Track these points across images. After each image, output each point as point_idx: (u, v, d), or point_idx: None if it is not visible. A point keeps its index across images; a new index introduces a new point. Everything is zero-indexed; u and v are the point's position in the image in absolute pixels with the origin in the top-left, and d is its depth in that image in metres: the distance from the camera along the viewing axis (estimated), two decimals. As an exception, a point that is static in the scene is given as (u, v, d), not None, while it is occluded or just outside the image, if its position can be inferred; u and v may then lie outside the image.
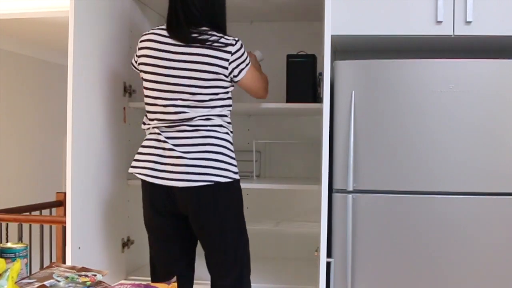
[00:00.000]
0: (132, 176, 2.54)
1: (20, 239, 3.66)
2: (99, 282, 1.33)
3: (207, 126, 1.84)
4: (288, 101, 2.44)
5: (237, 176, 1.90)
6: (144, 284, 1.27)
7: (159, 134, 1.87)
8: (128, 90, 2.46)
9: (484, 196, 2.04)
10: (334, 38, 2.13)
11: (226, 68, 1.84)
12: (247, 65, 1.91)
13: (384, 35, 2.20)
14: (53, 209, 4.47)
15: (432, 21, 2.15)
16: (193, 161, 1.81)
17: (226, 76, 1.85)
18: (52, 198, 4.51)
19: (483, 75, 2.04)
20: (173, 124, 1.85)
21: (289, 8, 2.61)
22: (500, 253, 2.03)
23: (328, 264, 2.05)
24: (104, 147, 2.28)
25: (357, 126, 2.09)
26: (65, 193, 3.42)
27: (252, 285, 2.01)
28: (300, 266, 2.68)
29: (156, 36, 1.88)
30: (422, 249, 2.06)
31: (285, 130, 2.83)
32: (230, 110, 1.94)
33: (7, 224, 3.77)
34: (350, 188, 2.07)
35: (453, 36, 2.16)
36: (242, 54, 1.88)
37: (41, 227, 3.67)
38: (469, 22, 2.13)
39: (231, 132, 1.95)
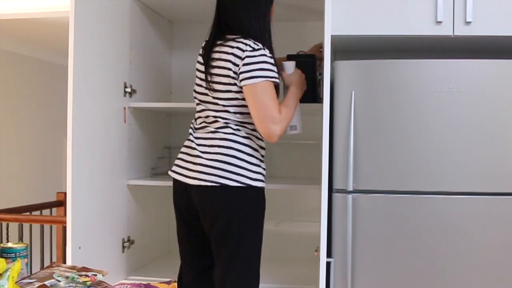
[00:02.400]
0: (132, 176, 2.55)
1: (20, 239, 3.67)
2: (100, 282, 1.33)
3: (227, 128, 1.86)
4: (288, 101, 2.43)
5: (256, 183, 1.85)
6: (144, 284, 1.28)
7: (191, 134, 1.95)
8: (128, 90, 2.46)
9: (484, 196, 2.04)
10: (334, 38, 2.13)
11: (238, 66, 1.81)
12: (254, 76, 1.79)
13: (384, 35, 2.20)
14: (54, 209, 4.47)
15: (432, 21, 2.15)
16: (207, 162, 1.84)
17: (237, 74, 1.82)
18: (53, 198, 4.51)
19: (483, 75, 2.04)
20: (203, 126, 1.92)
21: (289, 8, 2.61)
22: (500, 253, 2.03)
23: (328, 264, 2.05)
24: (104, 147, 2.28)
25: (357, 126, 2.09)
26: (65, 193, 3.41)
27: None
28: (300, 266, 2.68)
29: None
30: (422, 249, 2.06)
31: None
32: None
33: (8, 224, 3.77)
34: (350, 188, 2.07)
35: (453, 36, 2.16)
36: (259, 62, 1.80)
37: (42, 227, 3.67)
38: (469, 22, 2.13)
39: (259, 138, 1.92)
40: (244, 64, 1.80)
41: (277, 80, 1.85)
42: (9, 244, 1.43)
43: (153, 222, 2.77)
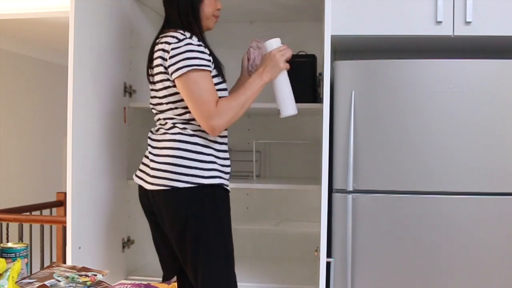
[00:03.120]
0: (132, 176, 2.54)
1: (20, 239, 3.67)
2: (99, 282, 1.33)
3: (174, 128, 1.81)
4: (288, 101, 2.43)
5: (209, 181, 1.78)
6: (144, 284, 1.28)
7: (149, 137, 1.90)
8: (128, 90, 2.46)
9: (484, 196, 2.04)
10: (334, 38, 2.13)
11: (166, 60, 1.75)
12: (181, 67, 1.71)
13: (384, 35, 2.20)
14: (54, 209, 4.47)
15: (432, 21, 2.15)
16: (159, 165, 1.79)
17: (166, 69, 1.76)
18: (53, 198, 4.51)
19: (483, 75, 2.04)
20: (158, 128, 1.88)
21: (289, 8, 2.61)
22: (500, 253, 2.03)
23: (328, 264, 2.05)
24: (104, 147, 2.28)
25: (357, 126, 2.09)
26: (65, 193, 3.42)
27: (252, 285, 2.01)
28: (300, 266, 2.68)
29: None
30: (422, 249, 2.06)
31: (285, 130, 2.83)
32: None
33: (8, 224, 3.77)
34: (350, 188, 2.07)
35: (453, 36, 2.16)
36: (184, 52, 1.72)
37: (42, 227, 3.67)
38: (469, 22, 2.13)
39: (211, 139, 1.83)
40: (171, 57, 1.73)
41: (208, 68, 1.74)
42: (9, 244, 1.43)
43: (153, 222, 2.77)
